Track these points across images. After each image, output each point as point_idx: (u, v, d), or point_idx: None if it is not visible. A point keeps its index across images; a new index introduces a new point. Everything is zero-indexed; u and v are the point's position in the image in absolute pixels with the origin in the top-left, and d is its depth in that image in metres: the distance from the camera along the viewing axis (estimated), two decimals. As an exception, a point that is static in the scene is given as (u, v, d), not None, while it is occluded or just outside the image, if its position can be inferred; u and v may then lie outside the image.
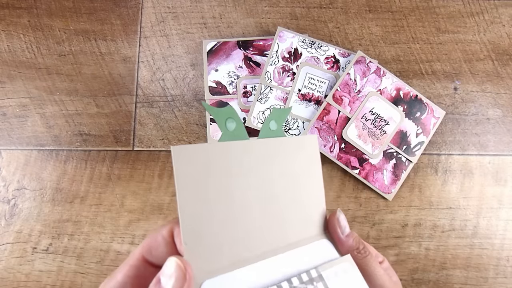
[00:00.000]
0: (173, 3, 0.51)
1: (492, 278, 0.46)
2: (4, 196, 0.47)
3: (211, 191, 0.23)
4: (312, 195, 0.27)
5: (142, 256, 0.21)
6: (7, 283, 0.46)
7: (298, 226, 0.26)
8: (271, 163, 0.26)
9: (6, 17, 0.51)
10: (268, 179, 0.26)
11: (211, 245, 0.23)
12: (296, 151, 0.27)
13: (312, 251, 0.27)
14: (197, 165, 0.23)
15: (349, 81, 0.48)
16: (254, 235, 0.25)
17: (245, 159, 0.25)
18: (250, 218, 0.25)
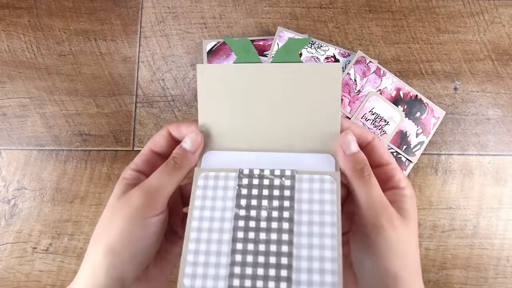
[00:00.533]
0: (173, 3, 0.51)
1: (492, 278, 0.46)
2: (4, 196, 0.47)
3: (227, 97, 0.29)
4: (327, 117, 0.29)
5: (150, 149, 0.30)
6: (7, 283, 0.46)
7: (306, 139, 0.29)
8: (286, 84, 0.29)
9: (6, 17, 0.51)
10: (283, 97, 0.29)
11: (220, 134, 0.29)
12: (316, 78, 0.29)
13: (310, 159, 0.28)
14: (216, 79, 0.29)
15: (349, 81, 0.48)
16: (261, 135, 0.29)
17: (260, 77, 0.29)
18: (259, 122, 0.29)
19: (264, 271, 0.25)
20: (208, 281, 0.25)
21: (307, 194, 0.27)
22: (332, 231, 0.26)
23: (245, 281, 0.25)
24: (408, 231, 0.27)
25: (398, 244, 0.26)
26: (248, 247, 0.26)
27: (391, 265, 0.26)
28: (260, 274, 0.25)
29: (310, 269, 0.25)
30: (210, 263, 0.26)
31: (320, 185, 0.27)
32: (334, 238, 0.25)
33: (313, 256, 0.25)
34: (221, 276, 0.25)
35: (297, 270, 0.25)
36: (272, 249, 0.26)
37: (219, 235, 0.26)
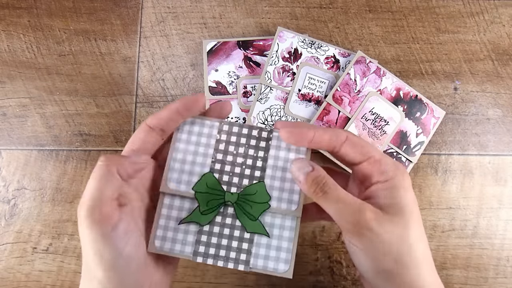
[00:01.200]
0: (173, 3, 0.51)
1: (492, 278, 0.46)
2: (4, 196, 0.47)
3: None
4: None
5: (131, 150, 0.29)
6: (7, 283, 0.46)
7: None
8: None
9: (6, 17, 0.51)
10: None
11: None
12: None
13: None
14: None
15: (349, 81, 0.48)
16: None
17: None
18: None
19: (228, 241, 0.30)
20: (176, 245, 0.30)
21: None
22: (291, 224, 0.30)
23: (210, 249, 0.30)
24: (396, 226, 0.26)
25: (383, 244, 0.26)
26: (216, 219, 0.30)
27: (381, 265, 0.26)
28: (224, 244, 0.30)
29: (269, 246, 0.30)
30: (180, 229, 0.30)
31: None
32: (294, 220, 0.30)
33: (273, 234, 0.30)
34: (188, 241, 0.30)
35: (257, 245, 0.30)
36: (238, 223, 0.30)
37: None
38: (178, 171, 0.30)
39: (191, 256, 0.29)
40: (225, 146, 0.31)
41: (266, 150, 0.31)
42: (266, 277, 0.45)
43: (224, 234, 0.30)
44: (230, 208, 0.30)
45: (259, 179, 0.30)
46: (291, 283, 0.45)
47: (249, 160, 0.30)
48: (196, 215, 0.30)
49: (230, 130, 0.31)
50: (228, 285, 0.45)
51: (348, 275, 0.46)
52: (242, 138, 0.31)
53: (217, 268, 0.46)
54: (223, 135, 0.31)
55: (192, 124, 0.31)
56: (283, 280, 0.45)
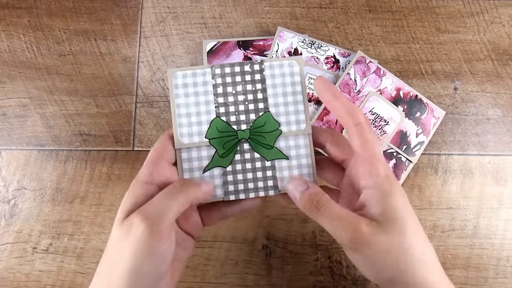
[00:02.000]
0: (173, 3, 0.51)
1: (492, 278, 0.46)
2: (4, 196, 0.47)
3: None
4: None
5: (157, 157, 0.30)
6: (7, 283, 0.46)
7: None
8: None
9: (6, 17, 0.51)
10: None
11: None
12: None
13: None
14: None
15: (349, 81, 0.48)
16: None
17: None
18: None
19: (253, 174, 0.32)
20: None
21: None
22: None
23: (239, 186, 0.31)
24: (390, 236, 0.26)
25: (380, 254, 0.26)
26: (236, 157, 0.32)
27: (383, 274, 0.27)
28: (250, 177, 0.31)
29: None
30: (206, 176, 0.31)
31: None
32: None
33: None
34: (217, 186, 0.31)
35: (280, 169, 0.32)
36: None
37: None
38: (186, 125, 0.31)
39: (223, 197, 0.31)
40: (223, 89, 0.32)
41: (262, 81, 0.32)
42: (266, 277, 0.46)
43: (247, 168, 0.31)
44: (245, 144, 0.32)
45: (264, 110, 0.32)
46: (291, 283, 0.45)
47: (249, 95, 0.32)
48: (216, 160, 0.31)
49: (223, 72, 0.32)
50: (228, 285, 0.45)
51: (348, 275, 0.46)
52: (237, 76, 0.32)
53: (217, 268, 0.46)
54: (218, 78, 0.32)
55: (184, 77, 0.32)
56: (283, 279, 0.45)
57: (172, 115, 0.31)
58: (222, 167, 0.31)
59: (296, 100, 0.32)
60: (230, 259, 0.46)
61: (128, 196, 0.28)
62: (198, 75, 0.32)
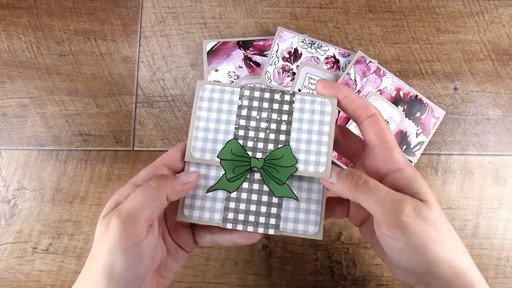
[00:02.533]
0: (173, 3, 0.51)
1: (492, 278, 0.46)
2: (4, 196, 0.47)
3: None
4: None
5: (162, 162, 0.30)
6: (7, 283, 0.46)
7: None
8: None
9: (6, 17, 0.51)
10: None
11: None
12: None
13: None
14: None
15: (349, 81, 0.48)
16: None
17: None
18: None
19: (257, 207, 0.30)
20: (205, 213, 0.30)
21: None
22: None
23: (239, 215, 0.30)
24: (432, 212, 0.25)
25: (428, 232, 0.25)
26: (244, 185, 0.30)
27: (428, 255, 0.25)
28: (253, 209, 0.30)
29: (297, 209, 0.30)
30: (208, 196, 0.30)
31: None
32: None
33: (301, 197, 0.30)
34: (217, 209, 0.30)
35: (286, 209, 0.30)
36: (265, 188, 0.30)
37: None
38: (202, 140, 0.30)
39: (220, 223, 0.30)
40: (247, 112, 0.30)
41: (289, 113, 0.30)
42: (266, 277, 0.46)
43: (252, 200, 0.30)
44: (256, 173, 0.30)
45: (284, 143, 0.30)
46: (291, 283, 0.45)
47: (273, 125, 0.30)
48: (223, 183, 0.30)
49: (251, 95, 0.30)
50: (228, 285, 0.45)
51: (348, 275, 0.46)
52: (265, 102, 0.30)
53: (217, 268, 0.46)
54: (245, 100, 0.30)
55: (212, 91, 0.30)
56: (283, 279, 0.45)
57: (190, 126, 0.30)
58: (227, 191, 0.30)
59: (320, 141, 0.30)
60: (230, 259, 0.46)
61: (116, 194, 0.28)
62: (226, 92, 0.30)
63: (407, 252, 0.26)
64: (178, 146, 0.30)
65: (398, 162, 0.27)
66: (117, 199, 0.28)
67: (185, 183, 0.28)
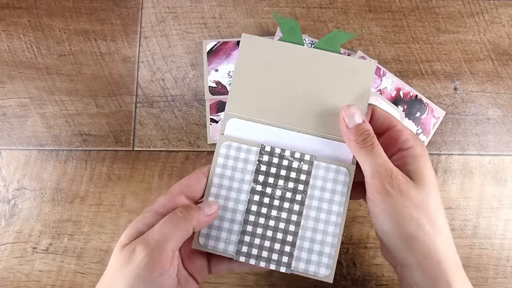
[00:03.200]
0: (173, 3, 0.51)
1: (492, 278, 0.46)
2: (4, 196, 0.47)
3: (264, 70, 0.31)
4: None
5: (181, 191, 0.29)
6: (7, 283, 0.46)
7: (330, 127, 0.30)
8: (321, 71, 0.31)
9: (6, 17, 0.51)
10: (316, 83, 0.30)
11: (249, 104, 0.30)
12: (350, 71, 0.30)
13: (330, 146, 0.30)
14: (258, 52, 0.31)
15: (349, 81, 0.48)
16: (287, 113, 0.30)
17: (299, 59, 0.31)
18: (289, 100, 0.30)
19: (271, 244, 0.30)
20: (220, 243, 0.30)
21: (321, 182, 0.30)
22: (336, 220, 0.29)
23: (253, 250, 0.29)
24: (421, 193, 0.26)
25: (408, 208, 0.26)
26: (260, 220, 0.30)
27: (404, 229, 0.26)
28: (267, 245, 0.29)
29: (311, 250, 0.29)
30: (224, 228, 0.30)
31: (335, 175, 0.30)
32: (338, 226, 0.29)
33: (316, 239, 0.29)
34: (232, 241, 0.30)
35: (299, 248, 0.29)
36: (280, 226, 0.30)
37: (235, 204, 0.30)
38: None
39: (234, 255, 0.30)
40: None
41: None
42: (266, 277, 0.45)
43: (267, 236, 0.30)
44: (274, 210, 0.30)
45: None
46: (291, 283, 0.45)
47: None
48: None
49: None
50: (228, 285, 0.45)
51: (348, 275, 0.46)
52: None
53: (217, 268, 0.46)
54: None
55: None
56: (283, 280, 0.45)
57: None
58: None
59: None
60: (230, 259, 0.46)
61: (136, 222, 0.28)
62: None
63: (384, 221, 0.27)
64: (197, 175, 0.30)
65: (407, 141, 0.28)
66: (138, 226, 0.27)
67: (209, 214, 0.29)
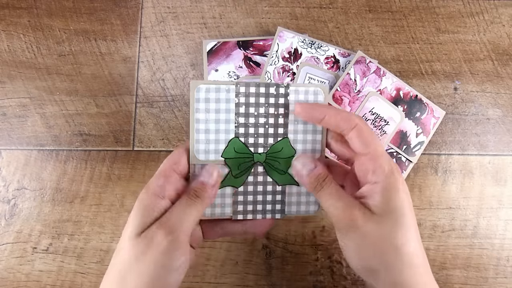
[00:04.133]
0: (173, 3, 0.51)
1: (492, 278, 0.46)
2: (4, 196, 0.47)
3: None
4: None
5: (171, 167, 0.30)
6: (7, 283, 0.46)
7: None
8: None
9: (6, 17, 0.51)
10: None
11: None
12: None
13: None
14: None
15: (349, 81, 0.48)
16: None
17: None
18: None
19: (263, 197, 0.32)
20: (216, 209, 0.31)
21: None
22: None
23: (248, 206, 0.32)
24: (382, 227, 0.26)
25: (368, 243, 0.26)
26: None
27: (367, 262, 0.27)
28: (260, 199, 0.32)
29: (299, 193, 0.32)
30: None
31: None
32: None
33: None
34: (227, 204, 0.31)
35: (289, 195, 0.32)
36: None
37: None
38: (204, 142, 0.31)
39: (231, 215, 0.32)
40: (245, 109, 0.31)
41: (286, 107, 0.31)
42: (266, 277, 0.46)
43: (258, 191, 0.32)
44: (260, 166, 0.32)
45: (283, 136, 0.31)
46: (291, 283, 0.45)
47: (271, 119, 0.31)
48: (229, 180, 0.31)
49: (247, 91, 0.31)
50: (228, 285, 0.45)
51: (348, 275, 0.46)
52: (261, 97, 0.31)
53: (217, 268, 0.46)
54: (241, 97, 0.31)
55: (208, 91, 0.30)
56: (283, 279, 0.45)
57: (190, 129, 0.30)
58: (234, 187, 0.31)
59: (315, 130, 0.32)
60: (230, 259, 0.46)
61: (139, 209, 0.28)
62: (221, 91, 0.30)
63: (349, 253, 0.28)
64: (180, 149, 0.31)
65: (380, 173, 0.28)
66: (147, 214, 0.28)
67: (214, 184, 0.29)
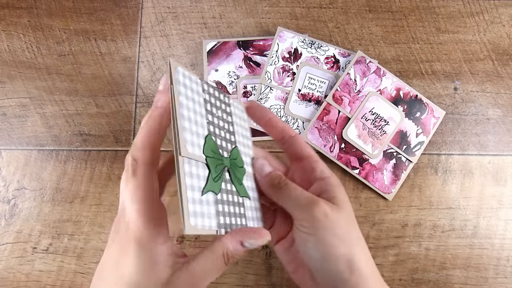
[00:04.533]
0: (173, 3, 0.51)
1: (492, 278, 0.46)
2: (4, 196, 0.47)
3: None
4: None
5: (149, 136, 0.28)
6: (7, 283, 0.46)
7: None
8: None
9: (6, 17, 0.51)
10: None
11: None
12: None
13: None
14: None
15: (349, 81, 0.48)
16: None
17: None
18: None
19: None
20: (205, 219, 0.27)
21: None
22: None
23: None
24: (344, 215, 0.29)
25: (338, 228, 0.28)
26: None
27: (338, 249, 0.28)
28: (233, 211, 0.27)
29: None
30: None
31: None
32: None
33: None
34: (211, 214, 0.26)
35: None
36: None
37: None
38: (189, 131, 0.25)
39: (217, 229, 0.25)
40: (211, 108, 0.28)
41: (231, 115, 0.31)
42: (266, 277, 0.45)
43: (233, 201, 0.28)
44: (226, 173, 0.28)
45: (234, 144, 0.30)
46: (291, 283, 0.45)
47: (226, 124, 0.30)
48: (211, 183, 0.26)
49: (209, 90, 0.29)
50: (228, 285, 0.45)
51: (348, 275, 0.46)
52: (217, 101, 0.30)
53: (217, 268, 0.46)
54: (206, 95, 0.28)
55: (184, 76, 0.26)
56: (283, 279, 0.45)
57: (172, 115, 0.25)
58: (214, 192, 0.26)
59: (248, 144, 0.32)
60: (230, 259, 0.46)
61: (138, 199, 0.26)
62: (193, 81, 0.27)
63: (317, 246, 0.28)
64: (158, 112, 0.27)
65: (323, 172, 0.31)
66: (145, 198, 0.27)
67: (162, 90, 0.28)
